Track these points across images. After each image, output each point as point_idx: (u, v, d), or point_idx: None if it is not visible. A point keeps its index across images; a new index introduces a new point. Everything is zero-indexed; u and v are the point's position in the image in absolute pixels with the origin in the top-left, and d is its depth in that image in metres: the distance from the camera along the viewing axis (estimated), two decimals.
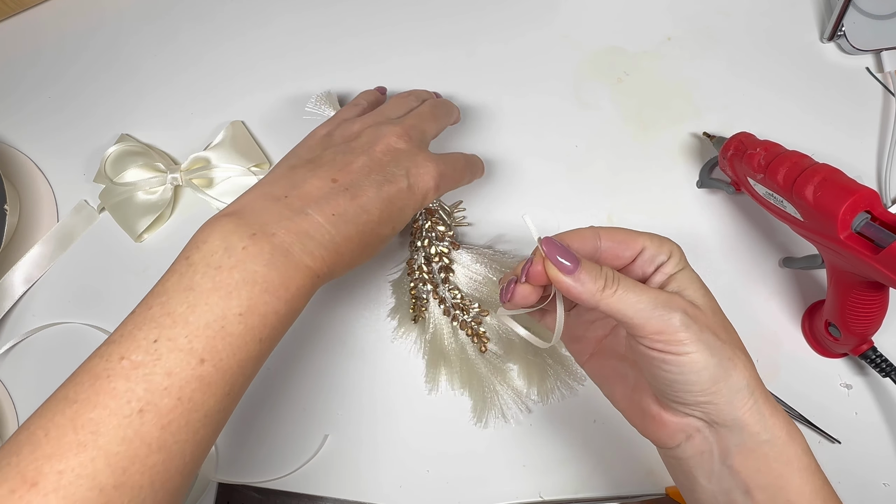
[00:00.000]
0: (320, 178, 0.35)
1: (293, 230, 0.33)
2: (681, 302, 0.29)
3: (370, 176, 0.36)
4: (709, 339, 0.29)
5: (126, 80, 0.55)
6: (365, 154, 0.37)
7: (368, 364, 0.49)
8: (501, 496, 0.47)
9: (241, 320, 0.30)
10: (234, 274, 0.31)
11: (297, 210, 0.33)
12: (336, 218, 0.34)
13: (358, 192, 0.35)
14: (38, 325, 0.52)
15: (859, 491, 0.45)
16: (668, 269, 0.32)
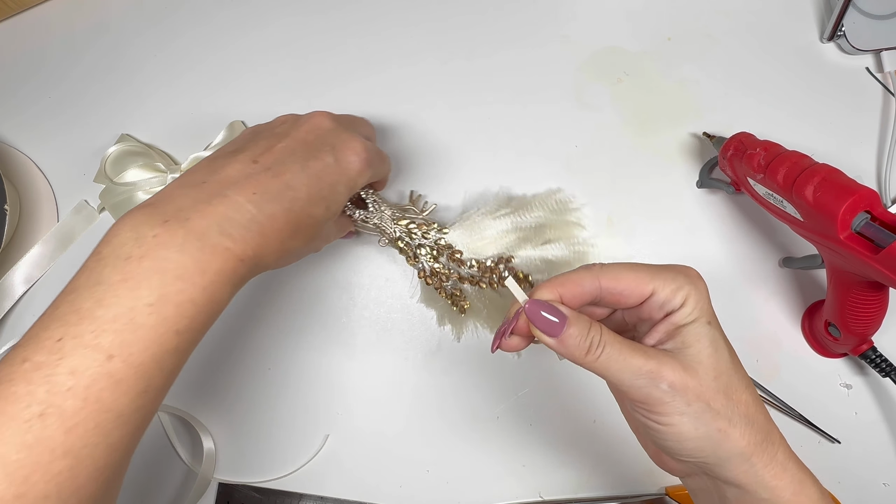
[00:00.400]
0: (240, 161, 0.34)
1: (209, 213, 0.30)
2: (669, 370, 0.28)
3: (294, 153, 0.35)
4: (697, 410, 0.28)
5: (126, 80, 0.55)
6: (288, 136, 0.36)
7: (369, 364, 0.49)
8: (501, 496, 0.47)
9: (153, 311, 0.28)
10: (143, 263, 0.29)
11: (215, 193, 0.31)
12: (257, 196, 0.32)
13: (281, 170, 0.33)
14: None
15: (859, 491, 0.45)
16: (677, 318, 0.29)
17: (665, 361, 0.28)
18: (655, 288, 0.29)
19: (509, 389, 0.48)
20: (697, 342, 0.29)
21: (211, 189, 0.32)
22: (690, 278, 0.30)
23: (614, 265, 0.30)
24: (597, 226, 0.49)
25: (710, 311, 0.30)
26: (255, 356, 0.50)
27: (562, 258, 0.47)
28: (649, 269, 0.30)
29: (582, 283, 0.30)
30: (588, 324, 0.29)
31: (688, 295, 0.29)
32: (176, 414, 0.50)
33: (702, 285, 0.30)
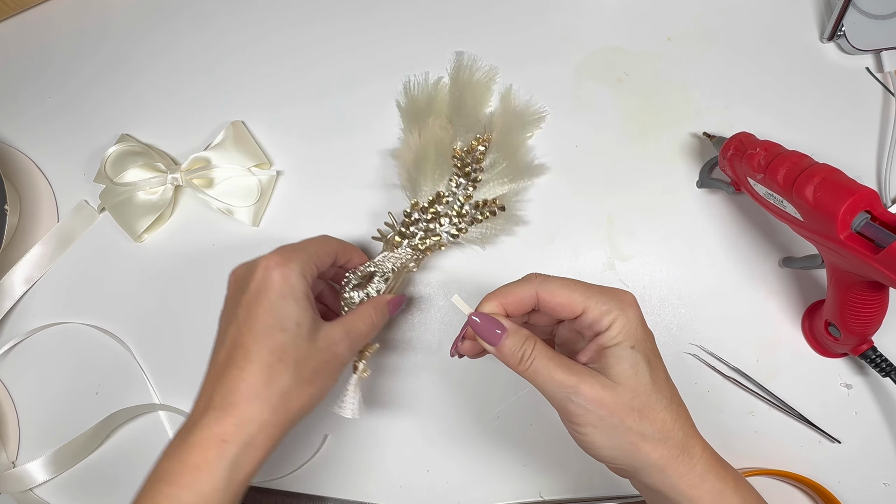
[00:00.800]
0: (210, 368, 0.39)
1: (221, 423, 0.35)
2: (588, 387, 0.32)
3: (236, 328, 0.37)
4: (610, 425, 0.32)
5: (126, 80, 0.55)
6: (234, 318, 0.38)
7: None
8: (501, 496, 0.47)
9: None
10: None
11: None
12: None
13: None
14: (39, 325, 0.52)
15: (859, 491, 0.45)
16: (603, 340, 0.33)
17: (585, 378, 0.32)
18: (586, 308, 0.33)
19: (509, 389, 0.48)
20: (618, 364, 0.32)
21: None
22: (621, 303, 0.33)
23: (554, 280, 0.34)
24: (597, 225, 0.49)
25: (638, 335, 0.33)
26: None
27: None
28: (584, 290, 0.33)
29: (521, 294, 0.34)
30: (523, 338, 0.33)
31: (614, 319, 0.32)
32: (177, 414, 0.50)
33: (631, 312, 0.33)
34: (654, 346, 0.34)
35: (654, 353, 0.33)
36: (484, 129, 0.48)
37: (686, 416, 0.33)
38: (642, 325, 0.33)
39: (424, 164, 0.46)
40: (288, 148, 0.52)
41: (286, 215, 0.51)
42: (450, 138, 0.47)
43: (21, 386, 0.52)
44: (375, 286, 0.43)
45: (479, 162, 0.47)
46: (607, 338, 0.32)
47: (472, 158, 0.47)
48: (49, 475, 0.50)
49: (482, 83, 0.50)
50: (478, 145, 0.47)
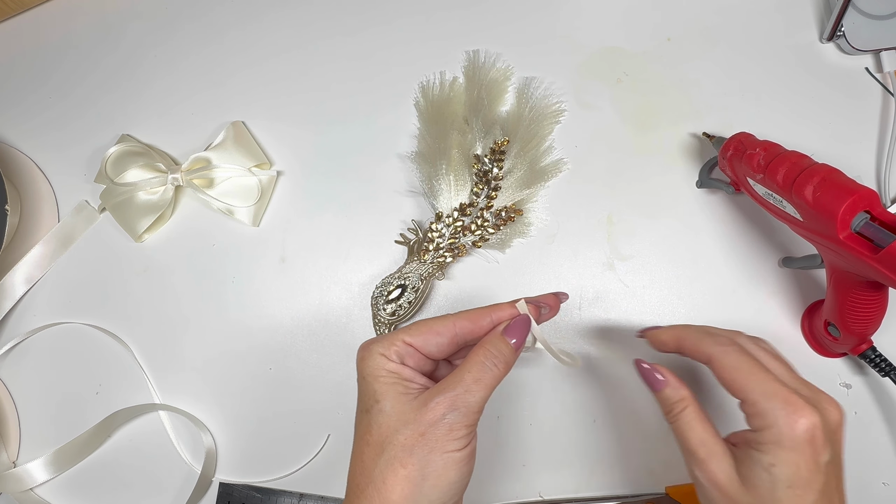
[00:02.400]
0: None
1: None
2: (715, 467, 0.32)
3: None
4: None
5: (127, 80, 0.55)
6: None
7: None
8: (501, 496, 0.47)
9: None
10: None
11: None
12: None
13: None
14: (39, 325, 0.52)
15: (859, 491, 0.45)
16: (751, 437, 0.32)
17: (717, 458, 0.32)
18: (747, 400, 0.32)
19: (509, 390, 0.48)
20: (753, 468, 0.31)
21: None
22: (791, 423, 0.30)
23: (736, 357, 0.33)
24: (597, 225, 0.49)
25: (788, 457, 0.30)
26: (255, 356, 0.50)
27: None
28: (762, 383, 0.32)
29: (698, 352, 0.35)
30: (678, 396, 0.35)
31: (769, 426, 0.31)
32: (177, 413, 0.50)
33: (798, 434, 0.30)
34: (811, 476, 0.30)
35: (805, 483, 0.30)
36: (501, 129, 0.48)
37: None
38: (805, 450, 0.30)
39: (447, 170, 0.47)
40: (288, 148, 0.52)
41: (286, 215, 0.51)
42: (469, 142, 0.48)
43: (21, 386, 0.52)
44: (406, 298, 0.46)
45: (499, 168, 0.47)
46: (754, 440, 0.31)
47: (491, 165, 0.47)
48: (49, 475, 0.50)
49: (498, 81, 0.50)
50: (498, 149, 0.47)
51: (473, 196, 0.47)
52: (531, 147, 0.48)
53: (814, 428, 0.30)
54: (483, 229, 0.47)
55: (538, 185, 0.48)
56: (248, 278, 0.51)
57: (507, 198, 0.48)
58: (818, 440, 0.30)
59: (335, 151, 0.52)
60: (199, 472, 0.49)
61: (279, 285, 0.51)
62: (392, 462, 0.31)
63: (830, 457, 0.31)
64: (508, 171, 0.48)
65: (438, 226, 0.47)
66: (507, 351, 0.34)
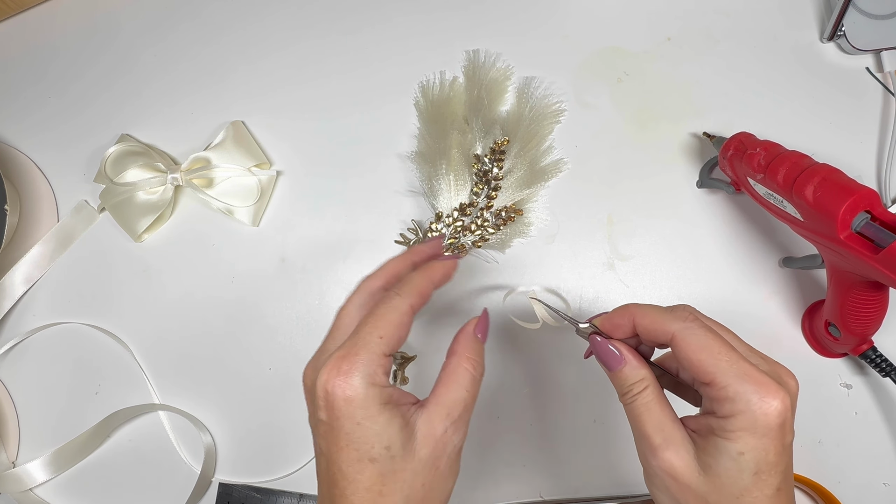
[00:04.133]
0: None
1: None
2: (671, 455, 0.29)
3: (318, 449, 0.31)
4: (675, 499, 0.29)
5: (126, 80, 0.55)
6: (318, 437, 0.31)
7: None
8: (501, 496, 0.47)
9: None
10: None
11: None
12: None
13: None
14: (39, 325, 0.52)
15: (859, 491, 0.45)
16: (715, 424, 0.28)
17: (673, 445, 0.29)
18: (714, 382, 0.28)
19: (509, 390, 0.48)
20: (718, 456, 0.28)
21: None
22: (762, 401, 0.27)
23: (699, 334, 0.29)
24: (597, 225, 0.49)
25: (759, 443, 0.27)
26: (255, 356, 0.50)
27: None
28: (728, 363, 0.28)
29: (656, 330, 0.30)
30: (638, 377, 0.31)
31: (739, 413, 0.28)
32: (177, 413, 0.50)
33: (769, 418, 0.27)
34: (778, 459, 0.28)
35: (771, 467, 0.28)
36: (501, 129, 0.48)
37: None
38: (775, 434, 0.27)
39: (447, 170, 0.47)
40: (288, 148, 0.52)
41: (286, 215, 0.51)
42: (469, 142, 0.48)
43: (21, 386, 0.52)
44: None
45: (499, 168, 0.47)
46: (721, 427, 0.28)
47: (491, 164, 0.47)
48: (49, 475, 0.50)
49: (498, 81, 0.50)
50: (498, 149, 0.47)
51: (473, 196, 0.47)
52: (531, 147, 0.48)
53: (785, 410, 0.27)
54: (483, 229, 0.47)
55: (538, 185, 0.48)
56: (248, 278, 0.51)
57: (508, 198, 0.48)
58: (787, 423, 0.28)
59: (335, 151, 0.52)
60: (198, 473, 0.49)
61: (279, 285, 0.50)
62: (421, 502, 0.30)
63: (793, 436, 0.29)
64: (508, 170, 0.48)
65: (438, 226, 0.47)
66: (480, 350, 0.34)
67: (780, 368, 0.30)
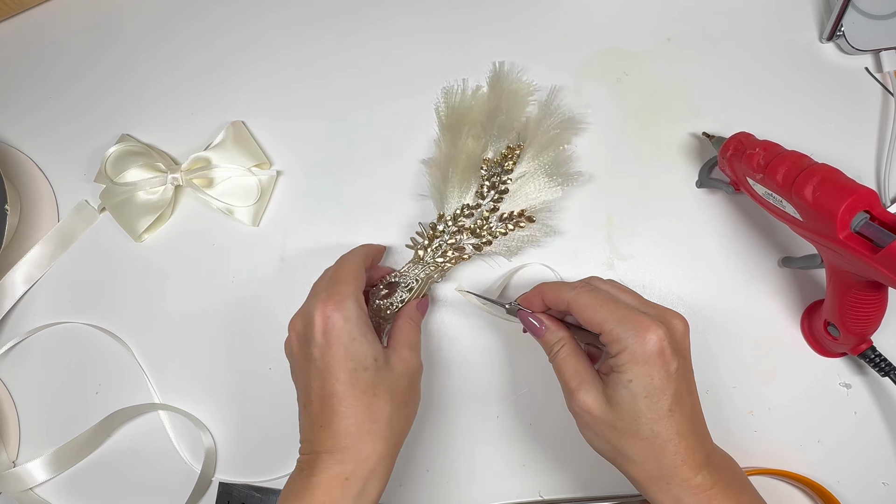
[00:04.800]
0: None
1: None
2: (584, 394, 0.36)
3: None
4: (594, 431, 0.37)
5: (127, 80, 0.55)
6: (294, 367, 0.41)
7: None
8: (501, 496, 0.47)
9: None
10: None
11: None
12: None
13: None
14: (39, 324, 0.52)
15: (859, 491, 0.45)
16: (611, 362, 0.35)
17: (585, 385, 0.36)
18: (602, 331, 0.35)
19: (509, 389, 0.48)
20: (616, 387, 0.35)
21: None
22: (640, 337, 0.34)
23: (589, 296, 0.36)
24: (597, 225, 0.49)
25: (642, 371, 0.34)
26: (255, 356, 0.50)
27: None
28: (610, 313, 0.35)
29: (558, 299, 0.38)
30: (557, 337, 0.39)
31: (622, 349, 0.34)
32: (177, 413, 0.50)
33: (648, 346, 0.34)
34: (663, 383, 0.34)
35: (658, 390, 0.34)
36: (518, 136, 0.47)
37: (678, 452, 0.34)
38: (655, 361, 0.34)
39: (453, 175, 0.46)
40: (288, 148, 0.52)
41: (286, 215, 0.51)
42: (482, 147, 0.47)
43: (21, 386, 0.52)
44: (399, 296, 0.45)
45: (507, 172, 0.46)
46: (615, 363, 0.35)
47: (500, 168, 0.46)
48: (49, 475, 0.50)
49: (520, 94, 0.48)
50: (509, 154, 0.46)
51: (478, 198, 0.46)
52: (547, 155, 0.47)
53: (661, 341, 0.34)
54: (487, 233, 0.46)
55: (553, 191, 0.47)
56: (248, 278, 0.51)
57: (517, 204, 0.46)
58: (666, 352, 0.34)
59: (335, 151, 0.52)
60: (198, 472, 0.49)
61: (279, 285, 0.51)
62: (401, 408, 0.39)
63: (678, 364, 0.34)
64: (520, 176, 0.46)
65: (439, 226, 0.46)
66: (419, 319, 0.45)
67: (667, 311, 0.36)
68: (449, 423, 0.48)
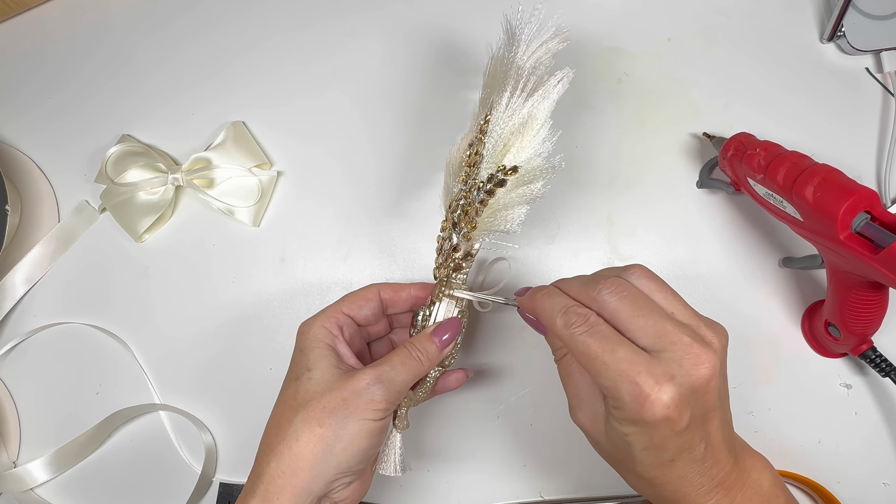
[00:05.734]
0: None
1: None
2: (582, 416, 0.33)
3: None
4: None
5: (127, 80, 0.55)
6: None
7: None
8: (501, 496, 0.47)
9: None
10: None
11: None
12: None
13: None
14: (39, 325, 0.52)
15: (859, 491, 0.45)
16: (616, 413, 0.30)
17: (588, 410, 0.33)
18: (605, 389, 0.30)
19: (509, 389, 0.48)
20: (618, 437, 0.31)
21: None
22: (639, 412, 0.28)
23: (627, 315, 0.30)
24: (597, 225, 0.49)
25: (649, 436, 0.29)
26: (255, 356, 0.50)
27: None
28: (614, 370, 0.29)
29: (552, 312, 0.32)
30: (558, 342, 0.34)
31: (624, 417, 0.29)
32: (177, 414, 0.50)
33: (653, 424, 0.28)
34: (666, 442, 0.29)
35: (660, 447, 0.29)
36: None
37: (679, 490, 0.30)
38: (657, 426, 0.28)
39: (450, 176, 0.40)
40: (288, 148, 0.52)
41: (286, 215, 0.51)
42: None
43: (21, 386, 0.52)
44: (416, 324, 0.39)
45: (476, 165, 0.38)
46: (612, 411, 0.30)
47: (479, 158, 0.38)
48: (50, 475, 0.50)
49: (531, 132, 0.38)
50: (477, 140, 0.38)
51: (461, 185, 0.39)
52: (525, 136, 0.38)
53: (666, 409, 0.27)
54: (472, 212, 0.38)
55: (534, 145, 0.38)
56: (248, 278, 0.51)
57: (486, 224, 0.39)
58: (672, 416, 0.28)
59: (335, 151, 0.52)
60: (199, 472, 0.49)
61: (279, 285, 0.51)
62: (309, 421, 0.34)
63: (691, 417, 0.28)
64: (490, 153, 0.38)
65: (441, 233, 0.40)
66: (432, 349, 0.37)
67: (686, 353, 0.28)
68: (449, 424, 0.48)
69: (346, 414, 0.34)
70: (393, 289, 0.40)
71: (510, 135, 0.38)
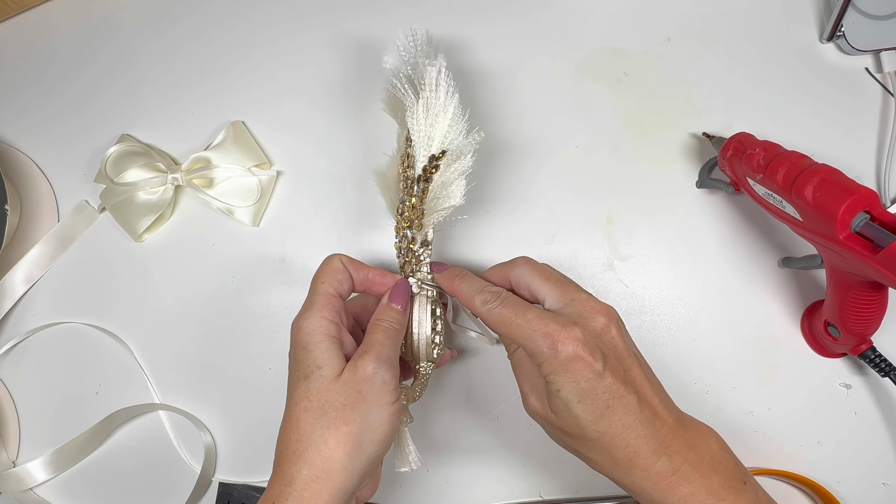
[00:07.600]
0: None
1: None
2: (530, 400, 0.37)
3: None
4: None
5: (127, 80, 0.55)
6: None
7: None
8: (501, 496, 0.47)
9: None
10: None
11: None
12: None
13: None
14: (39, 324, 0.52)
15: (859, 491, 0.45)
16: (542, 371, 0.34)
17: (539, 393, 0.36)
18: (526, 349, 0.34)
19: (509, 389, 0.48)
20: (556, 399, 0.34)
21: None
22: (554, 351, 0.33)
23: (538, 280, 0.36)
24: (597, 225, 0.49)
25: (574, 380, 0.33)
26: (255, 356, 0.50)
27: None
28: (526, 332, 0.34)
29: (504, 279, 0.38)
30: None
31: (542, 362, 0.33)
32: (177, 413, 0.50)
33: (566, 359, 0.33)
34: (591, 384, 0.32)
35: (588, 392, 0.32)
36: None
37: (630, 444, 0.33)
38: (575, 366, 0.32)
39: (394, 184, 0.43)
40: (288, 148, 0.52)
41: (286, 215, 0.51)
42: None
43: (21, 386, 0.52)
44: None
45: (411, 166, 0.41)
46: (542, 373, 0.34)
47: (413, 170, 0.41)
48: (49, 475, 0.50)
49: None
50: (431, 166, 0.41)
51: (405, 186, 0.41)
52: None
53: (575, 348, 0.32)
54: (415, 206, 0.41)
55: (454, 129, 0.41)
56: (248, 278, 0.51)
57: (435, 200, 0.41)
58: (584, 355, 0.32)
59: (335, 151, 0.52)
60: (198, 472, 0.49)
61: (279, 285, 0.51)
62: (334, 421, 0.34)
63: (605, 360, 0.33)
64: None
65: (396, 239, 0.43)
66: (395, 314, 0.39)
67: (585, 308, 0.34)
68: (449, 424, 0.48)
69: (366, 405, 0.34)
70: (354, 265, 0.40)
71: (430, 128, 0.41)
